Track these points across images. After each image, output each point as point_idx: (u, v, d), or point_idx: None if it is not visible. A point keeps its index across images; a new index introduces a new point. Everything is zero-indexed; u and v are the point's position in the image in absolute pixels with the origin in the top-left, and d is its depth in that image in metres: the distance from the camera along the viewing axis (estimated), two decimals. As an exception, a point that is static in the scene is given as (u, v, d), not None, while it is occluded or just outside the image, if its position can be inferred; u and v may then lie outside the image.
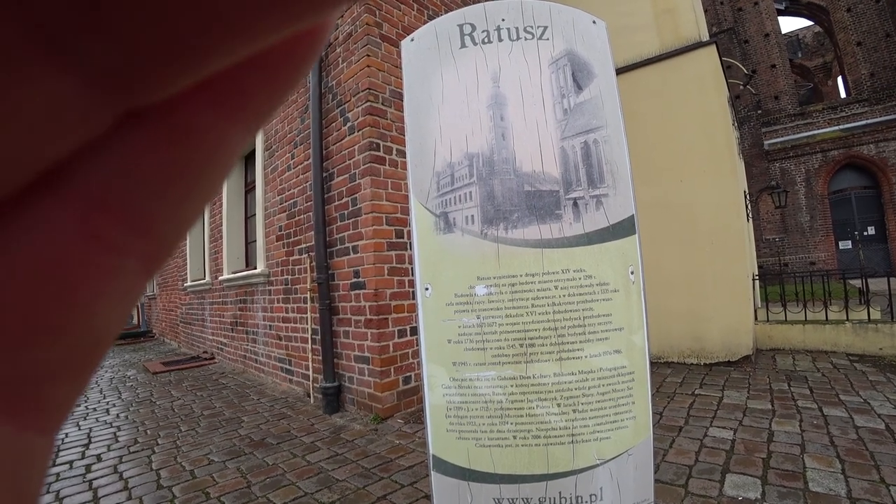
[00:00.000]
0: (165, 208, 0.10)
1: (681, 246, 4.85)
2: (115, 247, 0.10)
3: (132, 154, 0.10)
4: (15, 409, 0.09)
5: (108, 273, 0.10)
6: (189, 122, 0.10)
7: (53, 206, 0.09)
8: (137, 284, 0.11)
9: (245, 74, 0.10)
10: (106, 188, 0.09)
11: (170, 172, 0.10)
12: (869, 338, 4.72)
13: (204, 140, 0.10)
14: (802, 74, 20.64)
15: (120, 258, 0.10)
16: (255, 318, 5.17)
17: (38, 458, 0.10)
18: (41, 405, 0.10)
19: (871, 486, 2.10)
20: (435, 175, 1.08)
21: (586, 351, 0.96)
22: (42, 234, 0.09)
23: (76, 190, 0.09)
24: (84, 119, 0.09)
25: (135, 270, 0.10)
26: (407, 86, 1.21)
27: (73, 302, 0.09)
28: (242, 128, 0.11)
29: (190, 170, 0.10)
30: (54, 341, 0.09)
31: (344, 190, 3.69)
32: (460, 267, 1.01)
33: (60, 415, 0.10)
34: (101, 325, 0.10)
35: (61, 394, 0.10)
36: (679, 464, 2.43)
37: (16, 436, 0.09)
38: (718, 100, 4.87)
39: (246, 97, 0.10)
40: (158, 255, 0.11)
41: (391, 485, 2.37)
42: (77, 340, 0.10)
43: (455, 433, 1.00)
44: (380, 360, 3.35)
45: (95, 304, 0.10)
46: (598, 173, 1.06)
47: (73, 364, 0.10)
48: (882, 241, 14.00)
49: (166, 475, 2.63)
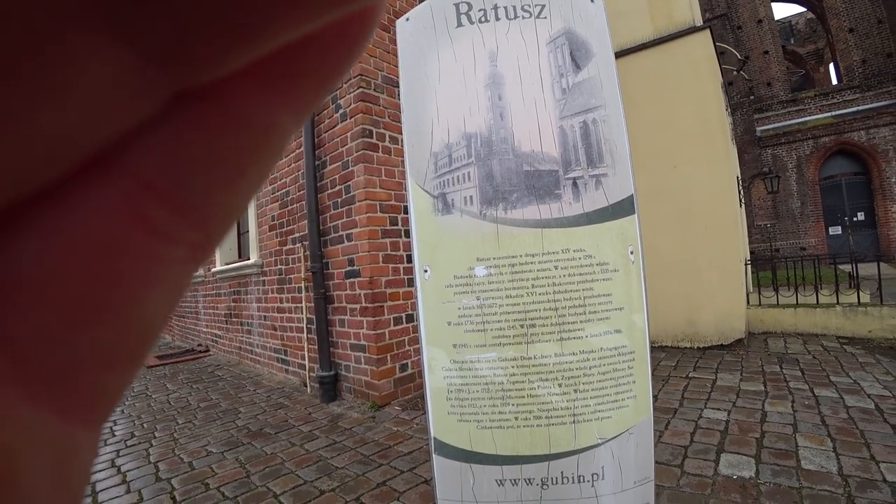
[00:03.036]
0: (215, 195, 0.10)
1: (675, 231, 4.88)
2: (164, 233, 0.09)
3: (183, 137, 0.09)
4: (62, 399, 0.09)
5: (156, 260, 0.10)
6: (240, 107, 0.10)
7: (103, 186, 0.09)
8: (186, 273, 0.10)
9: (295, 58, 0.10)
10: (156, 172, 0.09)
11: (220, 158, 0.10)
12: (859, 321, 4.78)
13: (254, 125, 0.10)
14: (794, 61, 20.66)
15: (169, 245, 0.10)
16: (250, 310, 5.14)
17: (84, 451, 0.10)
18: (88, 395, 0.10)
19: (861, 464, 2.14)
20: (432, 156, 1.06)
21: (587, 331, 0.96)
22: (91, 216, 0.09)
23: (126, 172, 0.09)
24: (139, 97, 0.08)
25: (183, 258, 0.10)
26: (402, 66, 1.18)
27: (122, 289, 0.09)
28: (292, 113, 0.10)
29: (240, 156, 0.10)
30: (101, 329, 0.09)
31: (337, 178, 3.66)
32: (459, 248, 1.00)
33: (107, 406, 0.10)
34: (149, 314, 0.10)
35: (108, 384, 0.10)
36: (675, 444, 2.46)
37: (62, 428, 0.09)
38: (712, 85, 4.86)
39: (296, 82, 0.10)
40: (207, 244, 0.10)
41: (390, 471, 2.39)
42: (125, 328, 0.10)
43: (456, 415, 1.00)
44: (376, 348, 3.35)
45: (144, 291, 0.10)
46: (598, 153, 1.05)
47: (122, 352, 0.10)
48: (871, 227, 14.17)
49: (165, 467, 2.62)
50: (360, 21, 0.10)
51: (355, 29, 0.10)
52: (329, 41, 0.10)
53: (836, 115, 14.60)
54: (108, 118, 0.08)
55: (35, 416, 0.09)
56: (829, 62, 19.17)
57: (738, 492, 1.97)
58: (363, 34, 0.10)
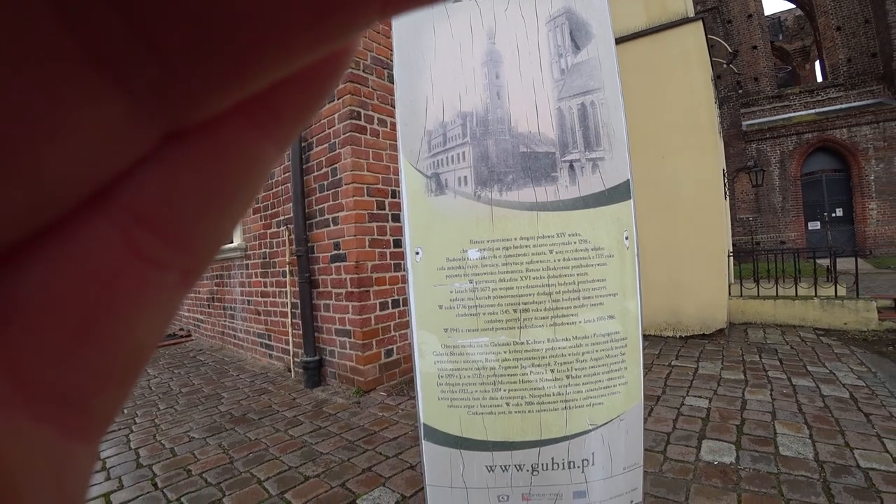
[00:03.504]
0: (204, 224, 0.11)
1: (661, 220, 4.91)
2: (156, 261, 0.10)
3: (174, 172, 0.10)
4: (62, 417, 0.10)
5: (150, 286, 0.10)
6: (227, 141, 0.10)
7: (99, 221, 0.09)
8: (176, 297, 0.11)
9: (277, 94, 0.10)
10: (148, 205, 0.10)
11: (209, 189, 0.10)
12: (835, 313, 4.91)
13: (241, 157, 0.10)
14: (782, 57, 20.88)
15: (161, 272, 0.10)
16: (233, 294, 5.06)
17: (83, 465, 0.10)
18: (86, 414, 0.10)
19: (836, 450, 2.20)
20: (426, 134, 1.03)
21: (580, 316, 0.95)
22: (88, 249, 0.09)
23: (120, 206, 0.10)
24: (131, 139, 0.09)
25: (174, 284, 0.11)
26: (396, 41, 1.14)
27: (118, 314, 0.10)
28: (274, 144, 0.11)
29: (227, 186, 0.11)
30: (100, 351, 0.10)
31: (323, 160, 3.58)
32: (452, 230, 0.97)
33: (104, 423, 0.11)
34: (142, 337, 0.10)
35: (106, 402, 0.10)
36: (658, 431, 2.50)
37: (62, 444, 0.10)
38: (703, 77, 4.88)
39: (277, 115, 0.11)
40: (196, 268, 0.11)
41: (376, 456, 2.38)
42: (121, 351, 0.10)
43: (447, 401, 0.98)
44: (361, 333, 3.32)
45: (138, 316, 0.10)
46: (595, 136, 1.03)
47: (117, 373, 0.10)
48: (849, 223, 14.52)
49: (146, 454, 2.57)
50: (336, 59, 0.11)
51: (331, 66, 0.11)
52: (307, 77, 0.10)
53: (820, 112, 14.83)
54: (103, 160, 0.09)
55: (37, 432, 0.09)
56: (816, 59, 19.42)
57: (718, 477, 2.01)
58: (338, 71, 0.11)
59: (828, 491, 1.87)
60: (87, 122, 0.08)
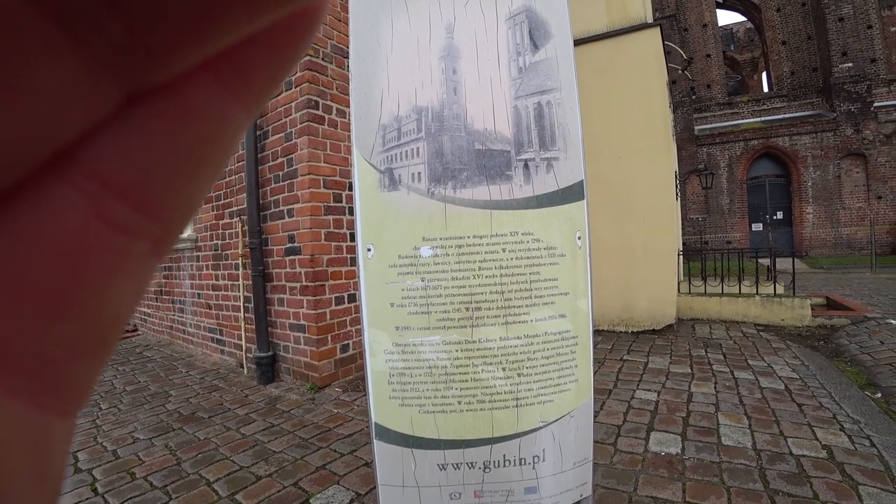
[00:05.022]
0: (173, 189, 0.10)
1: (615, 219, 5.07)
2: (125, 228, 0.10)
3: (140, 135, 0.10)
4: (36, 391, 0.09)
5: (119, 255, 0.10)
6: (194, 102, 0.10)
7: (63, 188, 0.09)
8: (148, 266, 0.11)
9: (246, 54, 0.10)
10: (115, 170, 0.09)
11: (177, 153, 0.10)
12: (774, 310, 5.23)
13: (209, 120, 0.10)
14: (732, 66, 21.96)
15: (131, 240, 0.10)
16: (182, 287, 4.84)
17: (60, 439, 0.10)
18: (61, 387, 0.10)
19: (772, 439, 2.35)
20: (381, 128, 1.00)
21: (532, 315, 0.95)
22: (53, 217, 0.09)
23: (85, 172, 0.09)
24: (92, 98, 0.09)
25: (145, 252, 0.10)
26: (353, 31, 1.10)
27: (87, 283, 0.10)
28: (243, 107, 0.11)
29: (196, 150, 0.10)
30: (70, 322, 0.09)
31: (279, 150, 3.47)
32: (405, 227, 0.95)
33: (80, 396, 0.11)
34: (114, 307, 0.10)
35: (80, 374, 0.10)
36: (609, 424, 2.58)
37: (38, 418, 0.10)
38: (659, 81, 5.05)
39: (247, 77, 0.10)
40: (167, 236, 0.11)
41: (330, 454, 2.34)
42: (92, 321, 0.10)
43: (398, 400, 0.96)
44: (316, 328, 3.25)
45: (108, 286, 0.10)
46: (550, 136, 1.03)
47: (90, 344, 0.10)
48: (788, 225, 15.53)
49: (85, 457, 2.42)
50: (306, 18, 0.10)
51: (301, 26, 0.10)
52: (276, 38, 0.10)
53: (765, 120, 15.74)
54: (62, 120, 0.08)
55: (10, 406, 0.09)
56: (763, 70, 20.54)
57: (665, 467, 2.10)
58: (308, 31, 0.11)
59: (764, 477, 1.99)
60: (44, 79, 0.08)
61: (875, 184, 14.19)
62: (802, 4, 16.28)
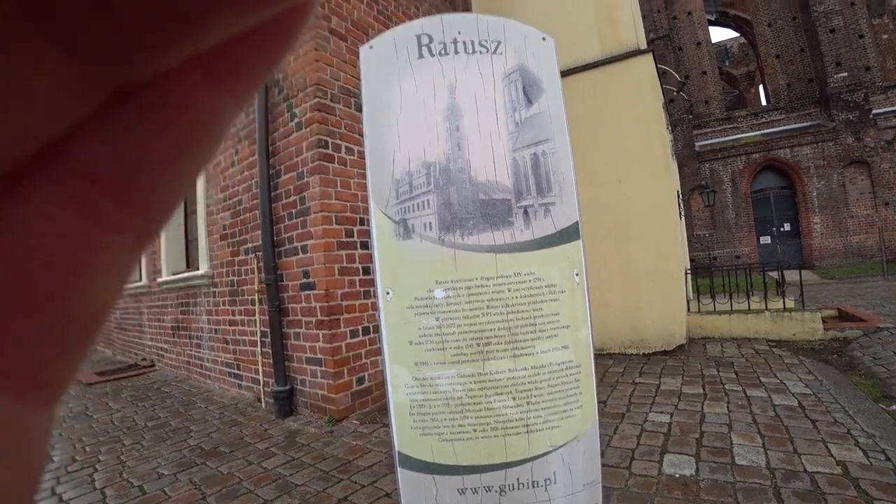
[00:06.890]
0: (159, 182, 0.10)
1: (617, 243, 5.14)
2: (110, 222, 0.10)
3: (126, 129, 0.10)
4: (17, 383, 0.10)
5: (104, 248, 0.10)
6: (182, 96, 0.10)
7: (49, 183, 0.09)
8: (132, 258, 0.11)
9: (235, 48, 0.10)
10: (101, 164, 0.10)
11: (163, 146, 0.10)
12: (785, 325, 5.22)
13: (197, 113, 0.10)
14: (729, 81, 22.30)
15: (116, 234, 0.10)
16: (199, 322, 4.96)
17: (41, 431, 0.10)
18: (42, 379, 0.10)
19: (786, 457, 2.36)
20: (394, 182, 1.12)
21: (537, 347, 1.05)
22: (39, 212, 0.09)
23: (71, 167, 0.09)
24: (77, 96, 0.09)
25: (130, 245, 0.11)
26: (365, 92, 1.24)
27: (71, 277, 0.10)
28: (233, 101, 0.11)
29: (183, 143, 0.11)
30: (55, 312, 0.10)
31: (292, 188, 3.63)
32: (419, 271, 1.06)
33: (60, 388, 0.11)
34: (97, 300, 0.10)
35: (61, 367, 0.10)
36: (623, 448, 2.61)
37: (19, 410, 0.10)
38: (654, 105, 5.20)
39: (236, 71, 0.11)
40: (151, 228, 0.11)
41: (351, 486, 2.39)
42: (75, 314, 0.10)
43: (419, 430, 1.05)
44: (332, 362, 3.33)
45: (92, 279, 0.10)
46: (546, 183, 1.15)
47: (72, 335, 0.10)
48: (796, 237, 15.45)
49: (112, 493, 2.49)
50: (294, 16, 0.11)
51: (290, 23, 0.11)
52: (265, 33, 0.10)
53: (765, 133, 15.87)
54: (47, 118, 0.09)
55: None
56: (760, 84, 20.83)
57: (680, 489, 2.13)
58: (297, 28, 0.11)
59: (778, 496, 2.01)
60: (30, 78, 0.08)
61: (881, 190, 14.17)
62: (793, 18, 16.62)
